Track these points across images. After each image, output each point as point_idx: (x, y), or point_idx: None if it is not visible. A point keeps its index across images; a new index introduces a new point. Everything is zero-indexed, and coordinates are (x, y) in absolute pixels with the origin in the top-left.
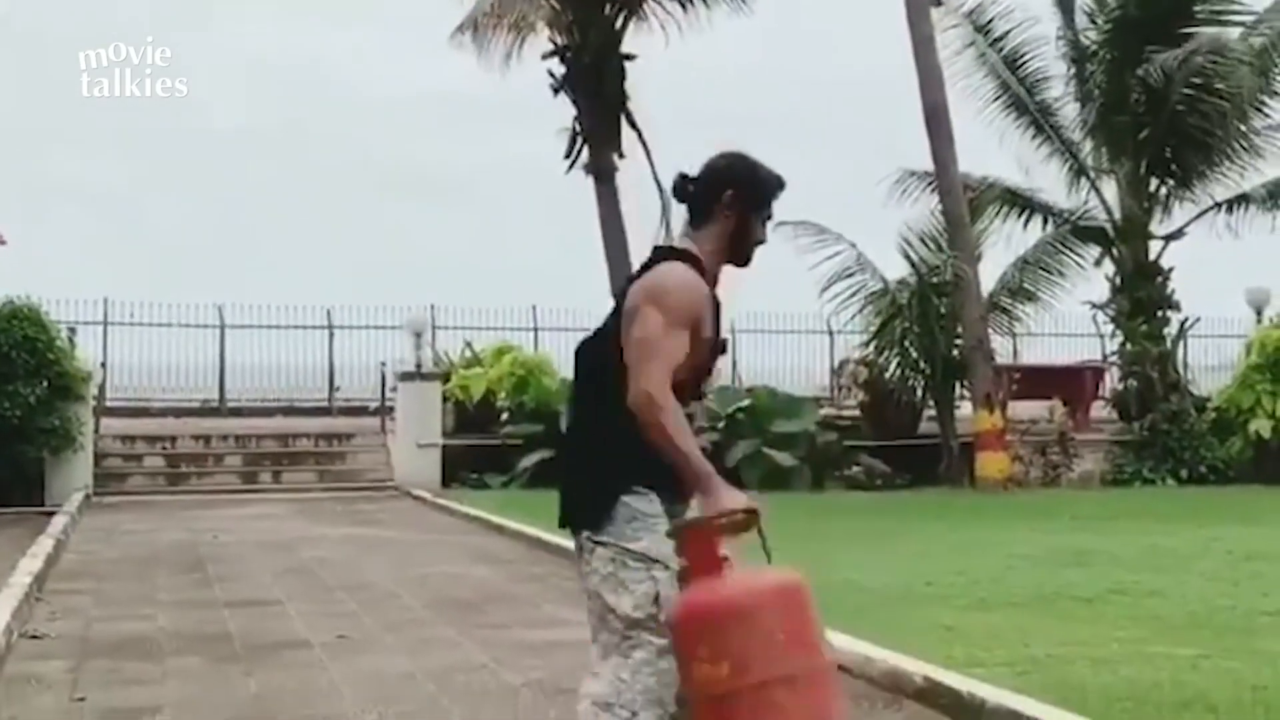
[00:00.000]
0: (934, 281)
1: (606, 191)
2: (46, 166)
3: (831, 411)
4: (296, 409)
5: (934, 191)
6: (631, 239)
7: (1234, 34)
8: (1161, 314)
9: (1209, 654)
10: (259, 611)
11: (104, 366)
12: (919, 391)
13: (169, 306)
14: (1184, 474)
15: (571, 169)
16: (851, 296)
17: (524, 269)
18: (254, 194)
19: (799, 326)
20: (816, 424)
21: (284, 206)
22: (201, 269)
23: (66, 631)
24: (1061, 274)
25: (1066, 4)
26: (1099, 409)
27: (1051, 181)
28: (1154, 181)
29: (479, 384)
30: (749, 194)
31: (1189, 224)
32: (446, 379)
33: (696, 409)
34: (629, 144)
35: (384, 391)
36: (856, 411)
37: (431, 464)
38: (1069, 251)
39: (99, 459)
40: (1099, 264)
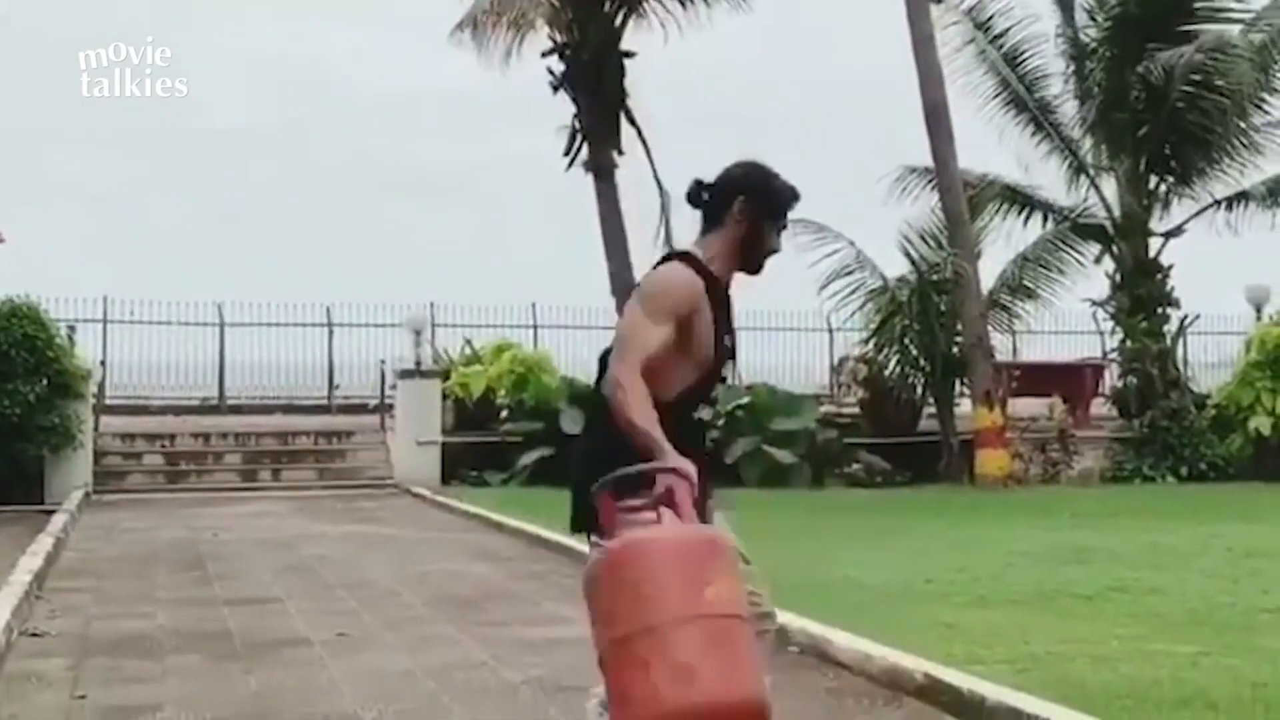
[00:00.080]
0: (934, 279)
1: (606, 189)
2: (46, 165)
3: (831, 409)
4: (296, 407)
5: (934, 189)
6: (631, 236)
7: (1234, 31)
8: (1161, 311)
9: (1209, 651)
10: (259, 609)
11: (103, 364)
12: (919, 389)
13: (168, 304)
14: (1184, 471)
15: (571, 166)
16: (851, 294)
17: (523, 266)
18: (253, 192)
19: (799, 324)
20: (816, 421)
21: (283, 204)
22: (201, 267)
23: (66, 629)
24: (1061, 271)
25: (1066, 1)
26: (1099, 406)
27: (1051, 179)
28: (1154, 179)
29: (478, 382)
30: (761, 202)
31: (1189, 221)
32: (446, 377)
33: (708, 413)
34: (628, 141)
35: (383, 389)
36: (856, 409)
37: (431, 461)
38: (1069, 249)
39: (98, 457)
40: (1099, 261)
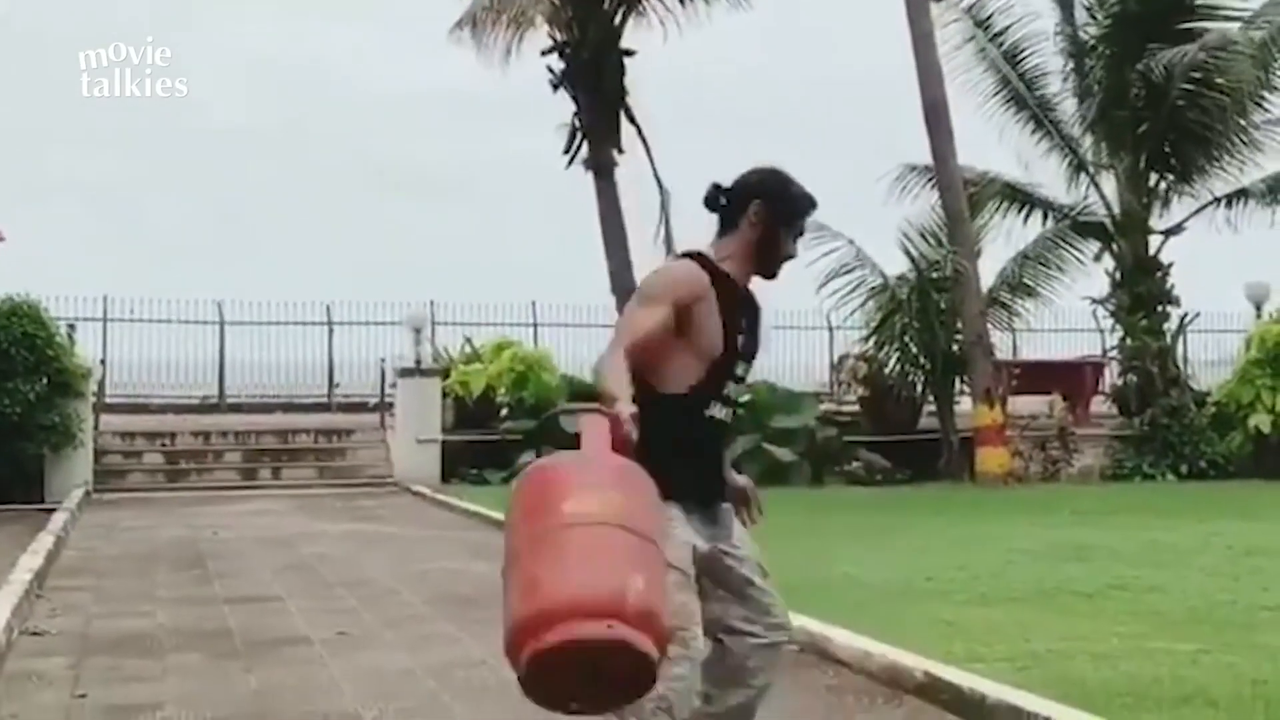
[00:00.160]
0: (934, 277)
1: (606, 187)
2: (46, 164)
3: (831, 407)
4: (296, 405)
5: (934, 187)
6: (631, 234)
7: (1233, 28)
8: (1161, 309)
9: (1209, 649)
10: (259, 608)
11: (104, 363)
12: (919, 387)
13: (168, 303)
14: (1184, 469)
15: (571, 165)
16: (851, 292)
17: (523, 264)
18: (253, 191)
19: (798, 322)
20: (816, 419)
21: (283, 203)
22: (201, 266)
23: (67, 628)
24: (1061, 269)
25: None
26: (1099, 404)
27: (1051, 176)
28: (1153, 176)
29: (478, 380)
30: (777, 207)
31: (1188, 219)
32: (446, 375)
33: (724, 413)
34: (628, 140)
35: (384, 387)
36: (856, 407)
37: (431, 460)
38: (1069, 247)
39: (99, 456)
40: (1099, 259)
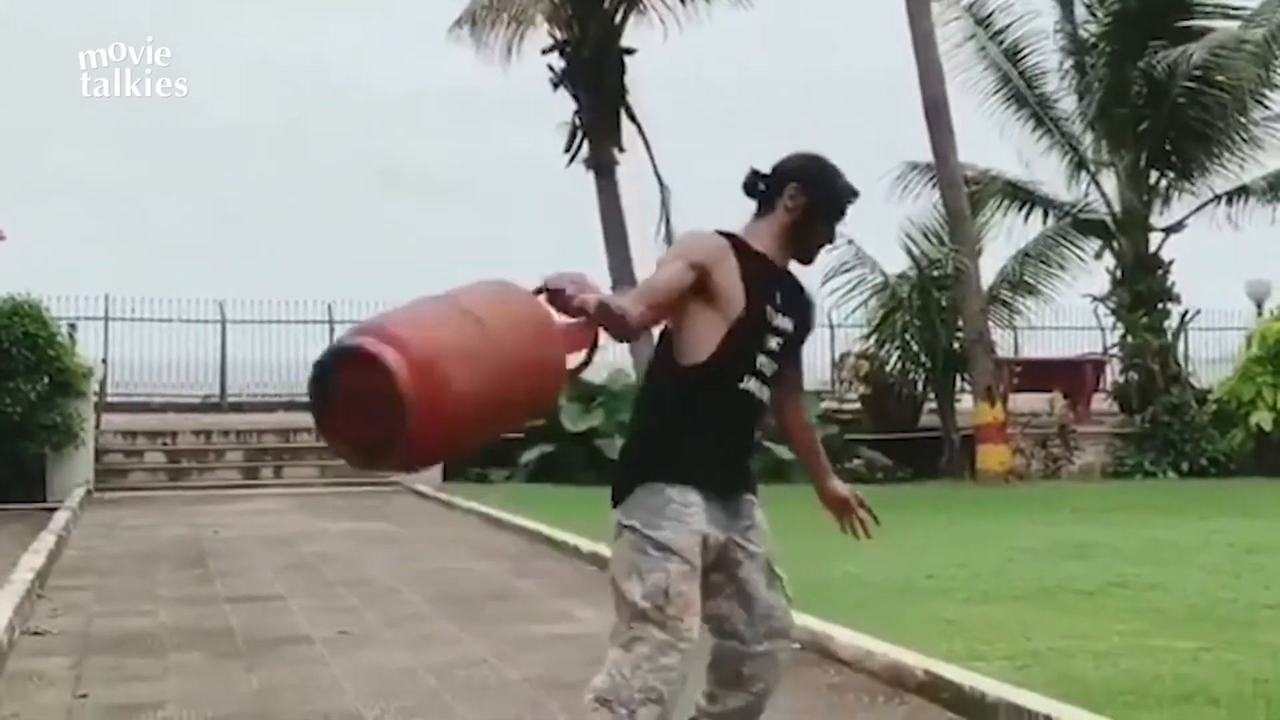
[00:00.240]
0: (935, 275)
1: (607, 186)
2: (48, 164)
3: (832, 405)
4: (298, 404)
5: (935, 185)
6: (632, 233)
7: (1233, 26)
8: (1162, 306)
9: (1210, 647)
10: (260, 607)
11: (105, 362)
12: (920, 385)
13: (170, 302)
14: (1185, 466)
15: (571, 163)
16: (851, 290)
17: (524, 263)
18: (254, 190)
19: None
20: (817, 417)
21: (284, 202)
22: (202, 265)
23: (68, 628)
24: (1062, 267)
25: None
26: (1100, 401)
27: (1052, 174)
28: (1154, 174)
29: None
30: (814, 193)
31: (1189, 216)
32: None
33: (757, 387)
34: (629, 138)
35: None
36: (857, 405)
37: None
38: (1069, 244)
39: (100, 455)
40: (1099, 257)
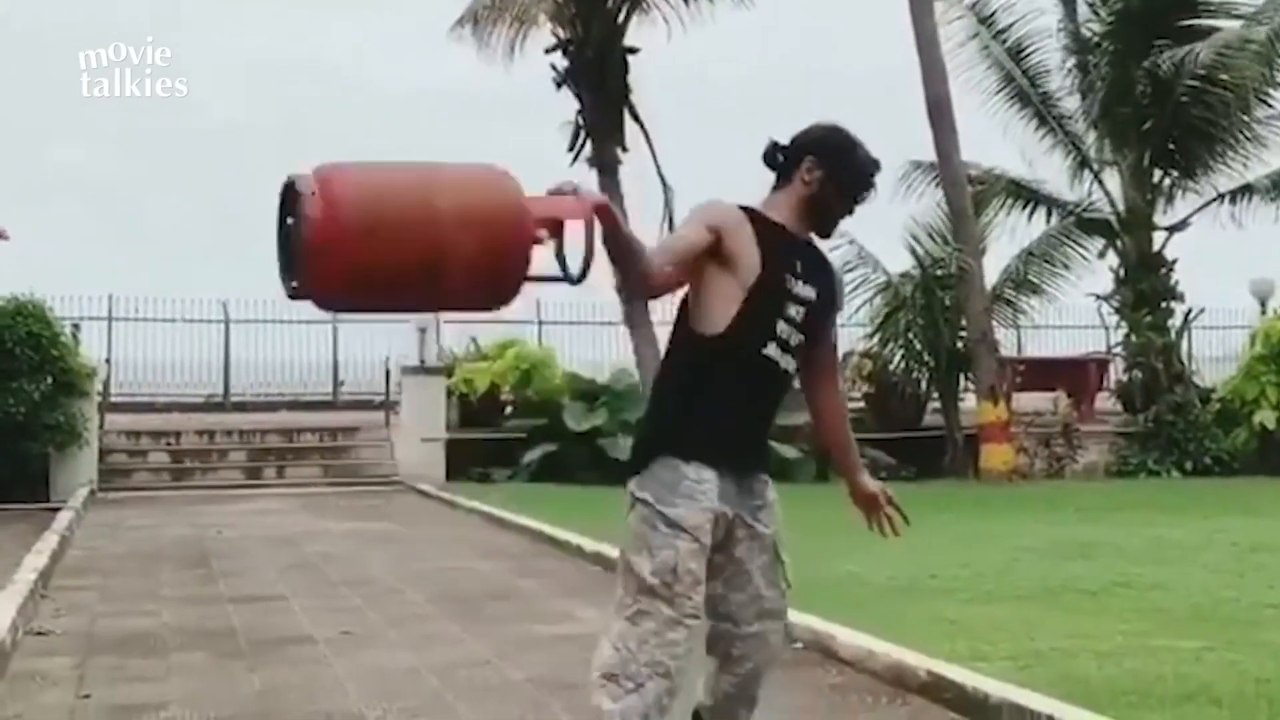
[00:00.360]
0: (938, 274)
1: (610, 185)
2: (48, 164)
3: None
4: (301, 404)
5: (938, 184)
6: (635, 231)
7: (1236, 25)
8: (1165, 305)
9: (1213, 646)
10: (263, 607)
11: (109, 362)
12: (923, 384)
13: (173, 302)
14: (1188, 465)
15: (575, 163)
16: (854, 289)
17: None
18: (256, 190)
19: None
20: None
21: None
22: (204, 265)
23: (71, 628)
24: (1066, 266)
25: None
26: (1103, 401)
27: (1055, 173)
28: (1157, 172)
29: (483, 378)
30: (831, 166)
31: (1193, 215)
32: (450, 373)
33: (779, 355)
34: (632, 138)
35: (388, 386)
36: (861, 403)
37: (436, 458)
38: (1073, 243)
39: (104, 455)
40: (1103, 256)
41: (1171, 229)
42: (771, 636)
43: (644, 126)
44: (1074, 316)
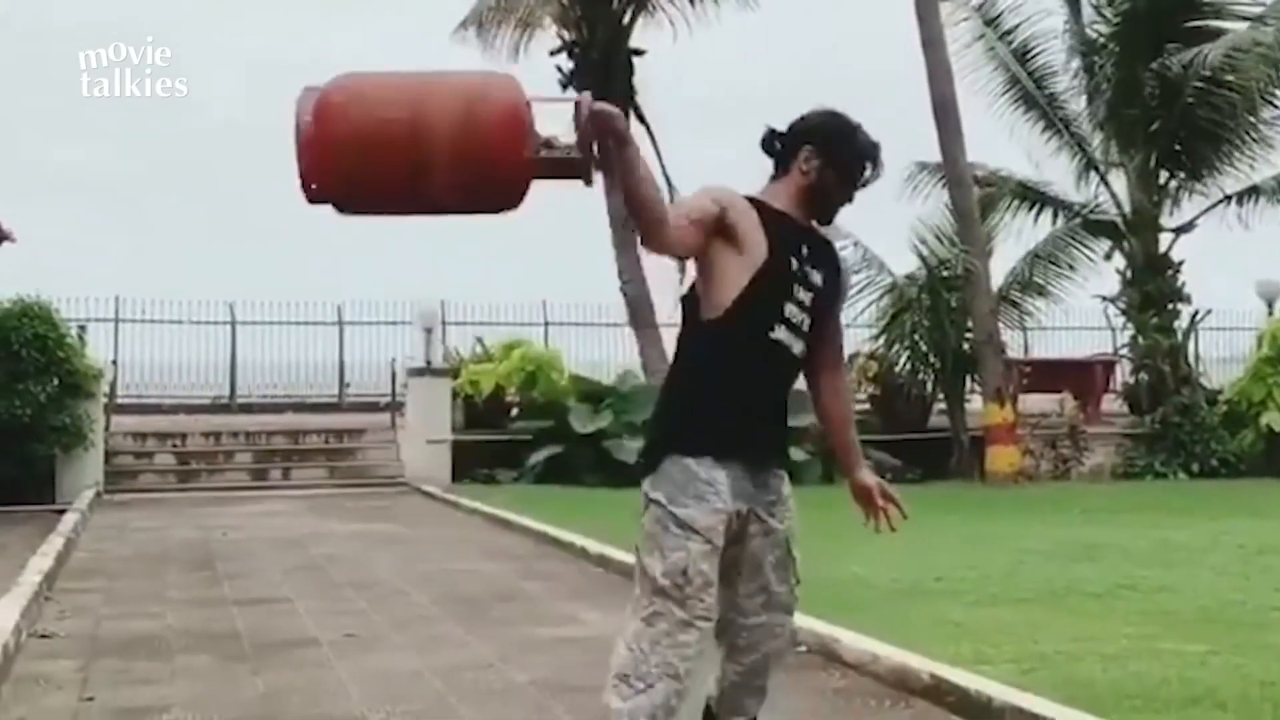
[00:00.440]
0: (944, 275)
1: (615, 187)
2: (48, 164)
3: None
4: (307, 405)
5: (944, 186)
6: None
7: (1242, 26)
8: (1172, 307)
9: (1219, 650)
10: (267, 609)
11: (115, 364)
12: (929, 385)
13: (180, 303)
14: (1195, 467)
15: None
16: (859, 291)
17: (530, 263)
18: (257, 191)
19: None
20: None
21: (290, 203)
22: (210, 266)
23: (76, 630)
24: (1072, 268)
25: None
26: (1110, 402)
27: (1061, 175)
28: (1164, 174)
29: (489, 379)
30: (828, 152)
31: (1199, 216)
32: (456, 375)
33: (788, 338)
34: (637, 139)
35: (394, 387)
36: (866, 405)
37: (441, 460)
38: (1079, 245)
39: (110, 456)
40: (1109, 257)
41: (1178, 230)
42: (779, 629)
43: (649, 128)
44: (1080, 318)
